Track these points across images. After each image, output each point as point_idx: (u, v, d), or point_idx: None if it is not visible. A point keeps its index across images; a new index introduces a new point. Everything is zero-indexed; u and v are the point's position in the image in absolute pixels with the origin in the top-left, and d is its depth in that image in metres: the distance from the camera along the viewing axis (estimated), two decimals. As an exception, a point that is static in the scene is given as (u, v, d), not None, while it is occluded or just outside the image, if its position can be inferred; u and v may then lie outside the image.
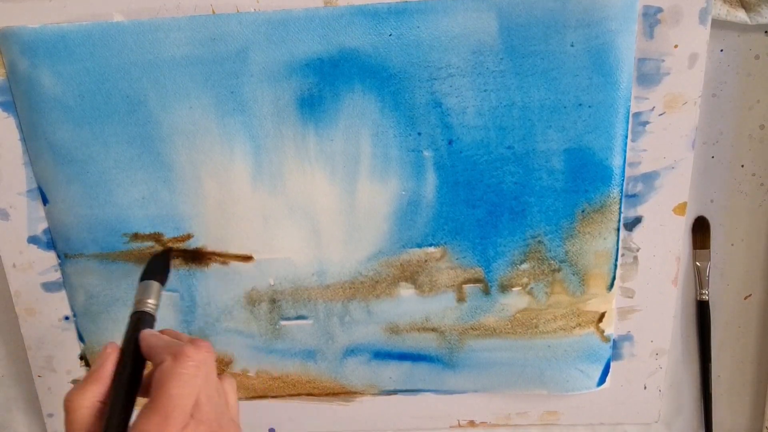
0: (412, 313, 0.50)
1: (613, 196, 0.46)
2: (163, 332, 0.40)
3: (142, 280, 0.43)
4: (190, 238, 0.48)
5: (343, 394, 0.54)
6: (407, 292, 0.49)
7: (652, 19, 0.42)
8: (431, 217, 0.47)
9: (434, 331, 0.50)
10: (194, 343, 0.36)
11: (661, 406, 0.54)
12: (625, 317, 0.50)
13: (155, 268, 0.45)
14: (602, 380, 0.52)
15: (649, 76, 0.44)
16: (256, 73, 0.43)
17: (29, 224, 0.49)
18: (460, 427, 0.55)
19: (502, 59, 0.42)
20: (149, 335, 0.38)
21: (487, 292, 0.49)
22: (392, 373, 0.52)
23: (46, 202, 0.48)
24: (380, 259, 0.48)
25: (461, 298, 0.49)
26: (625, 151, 0.45)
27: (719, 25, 0.43)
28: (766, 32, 0.44)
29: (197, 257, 0.48)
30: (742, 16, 0.43)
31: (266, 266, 0.49)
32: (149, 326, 0.40)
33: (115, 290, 0.50)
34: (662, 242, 0.48)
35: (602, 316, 0.49)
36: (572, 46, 0.42)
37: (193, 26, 0.43)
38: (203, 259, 0.48)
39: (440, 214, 0.47)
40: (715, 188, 0.48)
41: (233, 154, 0.45)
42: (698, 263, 0.50)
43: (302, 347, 0.51)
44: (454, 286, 0.49)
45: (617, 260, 0.48)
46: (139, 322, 0.40)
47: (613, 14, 0.41)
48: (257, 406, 0.55)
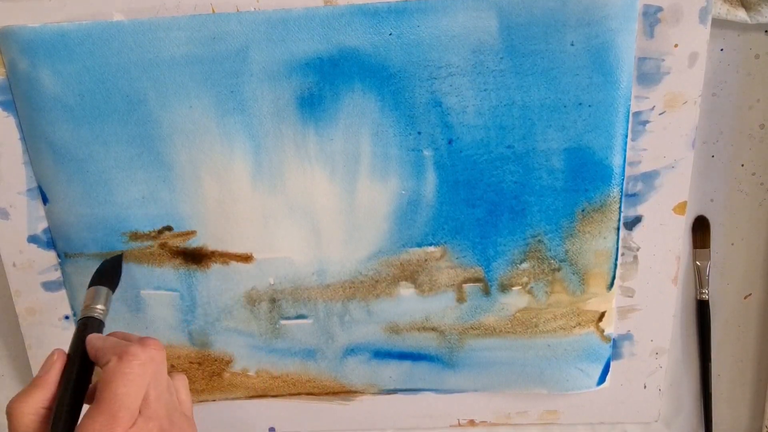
0: (412, 312, 0.50)
1: (613, 195, 0.46)
2: (111, 335, 0.40)
3: (91, 285, 0.43)
4: (192, 234, 0.48)
5: (343, 393, 0.54)
6: (407, 291, 0.49)
7: (652, 18, 0.42)
8: (431, 216, 0.47)
9: (434, 330, 0.50)
10: (142, 342, 0.36)
11: (660, 405, 0.54)
12: (625, 316, 0.50)
13: (106, 273, 0.45)
14: (602, 379, 0.52)
15: (649, 75, 0.44)
16: (256, 72, 0.43)
17: (29, 223, 0.49)
18: (460, 426, 0.55)
19: (502, 58, 0.42)
20: (95, 338, 0.38)
21: (487, 291, 0.49)
22: (392, 372, 0.52)
23: (46, 201, 0.48)
24: (380, 258, 0.48)
25: (461, 297, 0.49)
26: (625, 150, 0.45)
27: (719, 24, 0.43)
28: (766, 31, 0.44)
29: (197, 257, 0.48)
30: (742, 15, 0.43)
31: (266, 266, 0.49)
32: (97, 331, 0.40)
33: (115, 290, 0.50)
34: (662, 241, 0.48)
35: (602, 315, 0.49)
36: (572, 45, 0.42)
37: (193, 25, 0.43)
38: (203, 258, 0.48)
39: (440, 213, 0.47)
40: (715, 187, 0.48)
41: (233, 153, 0.45)
42: (698, 262, 0.50)
43: (302, 346, 0.51)
44: (454, 285, 0.49)
45: (617, 259, 0.48)
46: (86, 327, 0.40)
47: (613, 13, 0.41)
48: (257, 405, 0.55)
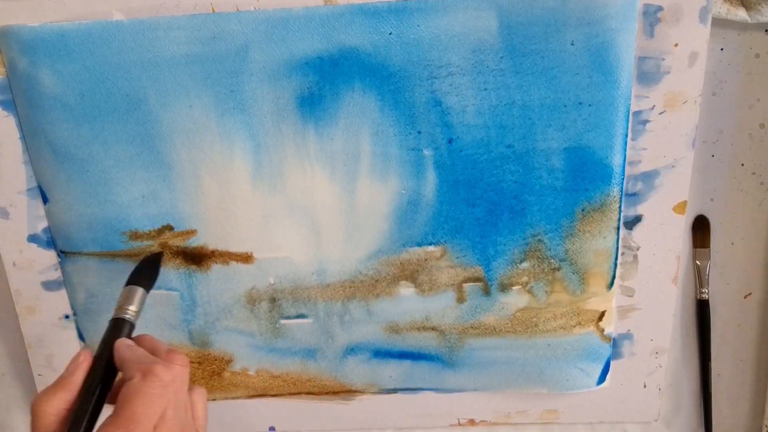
0: (412, 312, 0.50)
1: (613, 194, 0.46)
2: (140, 340, 0.40)
3: (127, 284, 0.43)
4: (192, 234, 0.48)
5: (343, 392, 0.54)
6: (407, 291, 0.49)
7: (652, 17, 0.42)
8: (431, 215, 0.47)
9: (434, 330, 0.50)
10: (167, 359, 0.36)
11: (660, 404, 0.54)
12: (625, 316, 0.50)
13: (143, 272, 0.45)
14: (602, 379, 0.52)
15: (649, 74, 0.44)
16: (256, 71, 0.43)
17: (29, 223, 0.49)
18: (460, 425, 0.55)
19: (502, 58, 0.42)
20: (124, 347, 0.38)
21: (487, 291, 0.49)
22: (392, 371, 0.52)
23: (46, 200, 0.48)
24: (380, 257, 0.48)
25: (461, 297, 0.49)
26: (625, 149, 0.45)
27: (719, 23, 0.43)
28: (766, 31, 0.44)
29: (197, 256, 0.48)
30: (742, 14, 0.43)
31: (266, 265, 0.49)
32: (126, 334, 0.40)
33: (115, 289, 0.50)
34: (662, 241, 0.48)
35: (602, 314, 0.49)
36: (572, 44, 0.42)
37: (192, 25, 0.42)
38: (203, 258, 0.48)
39: (440, 212, 0.47)
40: (715, 187, 0.48)
41: (233, 152, 0.45)
42: (698, 262, 0.50)
43: (302, 346, 0.51)
44: (454, 285, 0.49)
45: (617, 259, 0.48)
46: (114, 329, 0.40)
47: (613, 13, 0.41)
48: (257, 404, 0.55)
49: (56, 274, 0.51)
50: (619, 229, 0.47)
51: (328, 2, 0.42)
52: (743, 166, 0.48)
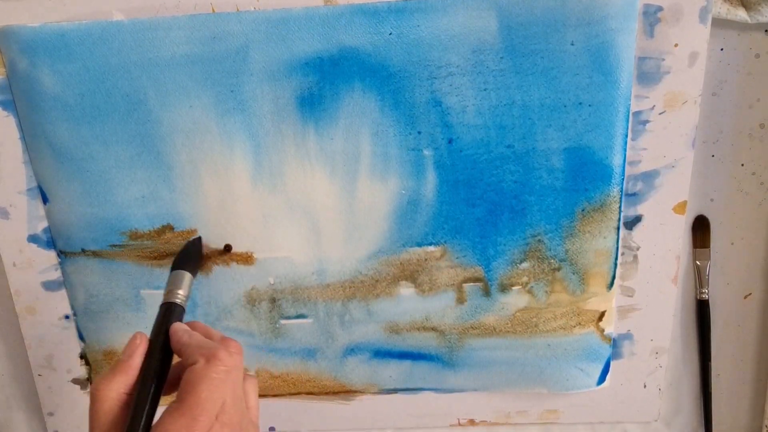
0: (412, 312, 0.50)
1: (613, 194, 0.46)
2: (192, 325, 0.39)
3: (173, 269, 0.42)
4: (192, 233, 0.48)
5: (343, 392, 0.54)
6: (407, 291, 0.49)
7: (652, 17, 0.42)
8: (431, 216, 0.47)
9: (434, 330, 0.50)
10: (226, 345, 0.36)
11: (660, 404, 0.54)
12: (625, 316, 0.50)
13: (187, 256, 0.44)
14: (602, 379, 0.52)
15: (649, 74, 0.44)
16: (256, 71, 0.43)
17: (29, 223, 0.49)
18: (460, 425, 0.55)
19: (502, 58, 0.42)
20: (181, 331, 0.38)
21: (487, 291, 0.49)
22: (392, 371, 0.52)
23: (46, 200, 0.48)
24: (380, 258, 0.48)
25: (461, 297, 0.49)
26: (625, 149, 0.45)
27: (719, 23, 0.43)
28: (766, 31, 0.44)
29: (197, 256, 0.48)
30: (742, 14, 0.43)
31: (266, 265, 0.49)
32: (178, 318, 0.40)
33: (114, 289, 0.50)
34: (662, 241, 0.48)
35: (602, 314, 0.49)
36: (572, 44, 0.42)
37: (192, 25, 0.42)
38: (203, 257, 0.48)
39: (440, 213, 0.47)
40: (715, 187, 0.48)
41: (233, 152, 0.45)
42: (698, 262, 0.50)
43: (302, 346, 0.51)
44: (454, 285, 0.49)
45: (617, 259, 0.48)
46: (168, 314, 0.40)
47: (613, 13, 0.41)
48: (257, 404, 0.55)
49: (56, 274, 0.51)
50: (619, 229, 0.47)
51: (328, 2, 0.42)
52: (743, 166, 0.48)
